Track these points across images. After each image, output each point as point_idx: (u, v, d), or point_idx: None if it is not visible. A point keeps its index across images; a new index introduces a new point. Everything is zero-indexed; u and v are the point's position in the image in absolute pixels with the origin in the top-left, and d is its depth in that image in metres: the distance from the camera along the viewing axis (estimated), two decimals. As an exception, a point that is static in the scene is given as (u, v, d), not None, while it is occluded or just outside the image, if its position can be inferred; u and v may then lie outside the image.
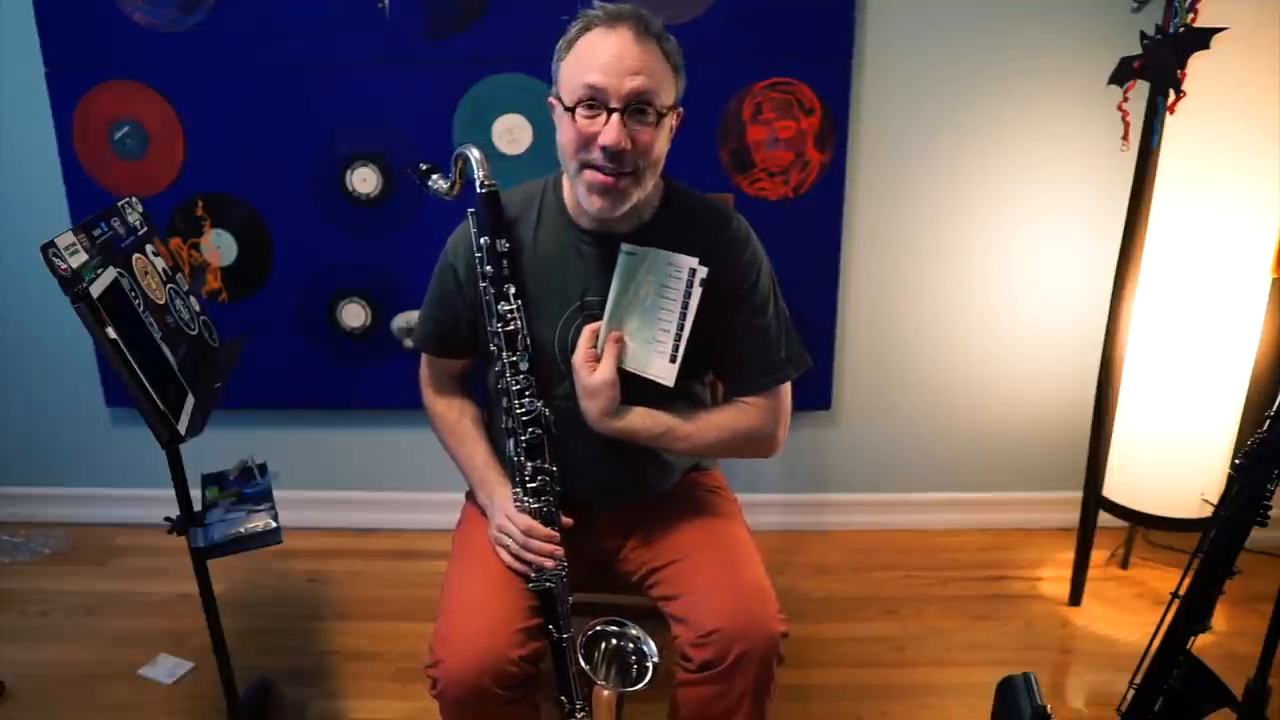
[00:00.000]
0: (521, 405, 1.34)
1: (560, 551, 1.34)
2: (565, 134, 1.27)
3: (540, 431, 1.34)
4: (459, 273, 1.41)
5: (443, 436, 1.52)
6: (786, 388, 1.45)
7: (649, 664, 1.28)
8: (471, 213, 1.34)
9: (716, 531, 1.43)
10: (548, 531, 1.35)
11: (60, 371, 2.45)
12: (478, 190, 1.33)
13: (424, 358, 1.55)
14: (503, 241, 1.32)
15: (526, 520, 1.35)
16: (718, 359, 1.46)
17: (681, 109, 1.32)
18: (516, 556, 1.35)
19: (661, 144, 1.28)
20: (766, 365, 1.41)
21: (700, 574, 1.34)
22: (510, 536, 1.35)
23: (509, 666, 1.24)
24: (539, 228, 1.39)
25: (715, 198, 1.48)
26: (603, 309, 1.36)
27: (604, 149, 1.22)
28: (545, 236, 1.38)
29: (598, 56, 1.21)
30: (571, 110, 1.24)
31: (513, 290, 1.32)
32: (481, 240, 1.32)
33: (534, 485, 1.35)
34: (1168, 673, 1.25)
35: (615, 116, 1.21)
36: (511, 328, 1.32)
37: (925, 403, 2.43)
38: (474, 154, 1.34)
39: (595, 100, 1.22)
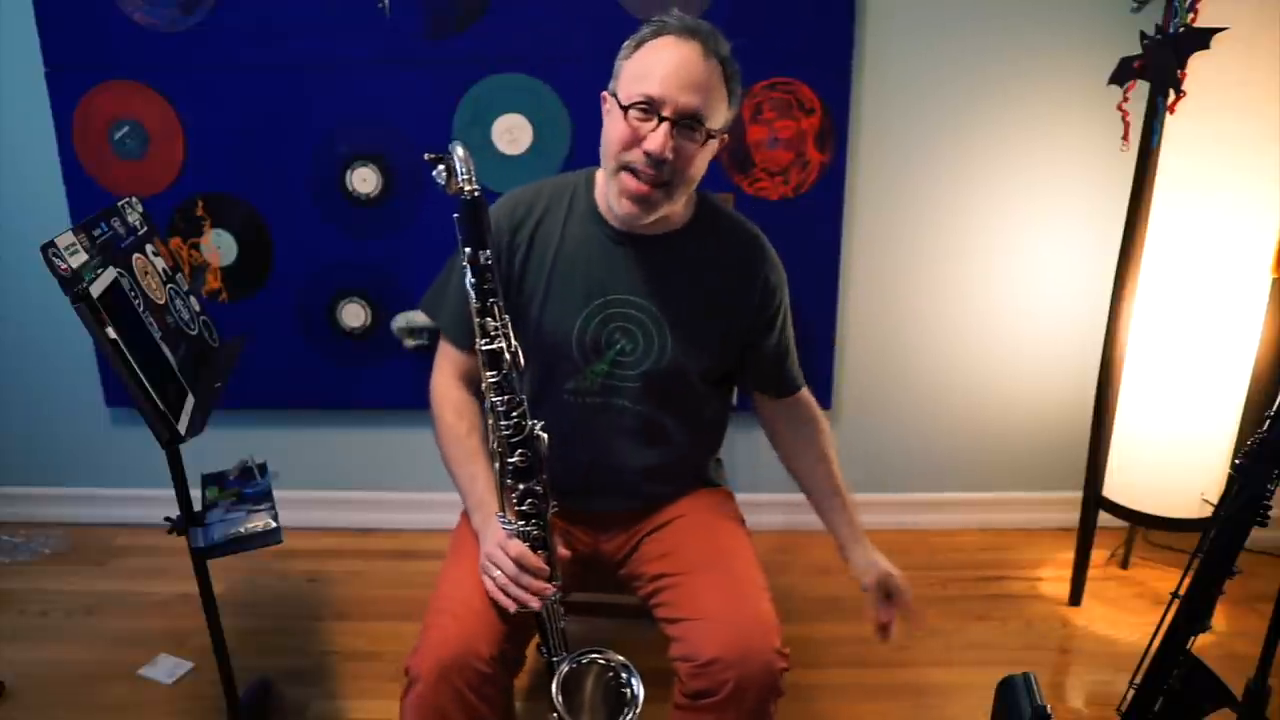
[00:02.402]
0: (508, 426, 1.23)
1: (550, 591, 1.25)
2: (613, 129, 1.28)
3: (530, 453, 1.24)
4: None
5: (446, 448, 1.43)
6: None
7: (629, 693, 1.22)
8: (456, 217, 1.21)
9: (724, 557, 1.39)
10: (538, 563, 1.25)
11: (60, 371, 2.44)
12: (460, 198, 1.19)
13: (442, 353, 1.47)
14: (486, 254, 1.20)
15: (519, 547, 1.25)
16: (754, 370, 1.50)
17: (727, 136, 1.34)
18: (503, 589, 1.25)
19: (701, 163, 1.30)
20: (796, 368, 1.53)
21: (702, 600, 1.31)
22: (500, 567, 1.26)
23: (480, 665, 1.22)
24: (568, 221, 1.39)
25: (733, 210, 1.50)
26: (626, 306, 1.37)
27: (648, 154, 1.24)
28: (573, 230, 1.39)
29: (661, 66, 1.23)
30: (625, 110, 1.25)
31: (499, 306, 1.22)
32: (465, 251, 1.20)
33: (522, 509, 1.25)
34: (1168, 673, 1.25)
35: (665, 125, 1.23)
36: (496, 346, 1.22)
37: (925, 403, 2.43)
38: (458, 154, 1.18)
39: (650, 106, 1.24)
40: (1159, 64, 1.73)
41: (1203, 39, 1.66)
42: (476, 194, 1.20)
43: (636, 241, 1.37)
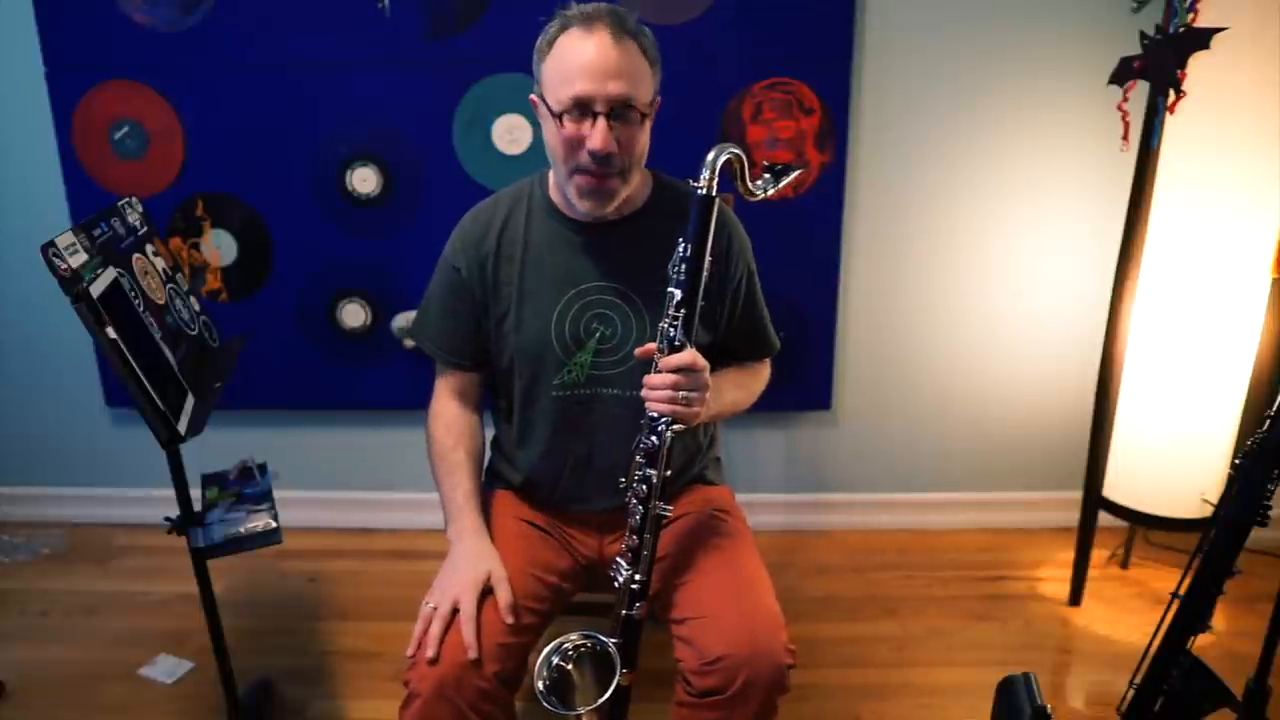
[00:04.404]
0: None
1: (473, 654, 1.22)
2: (553, 136, 1.30)
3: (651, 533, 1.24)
4: (461, 270, 1.42)
5: (433, 460, 1.46)
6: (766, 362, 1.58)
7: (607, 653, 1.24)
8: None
9: (728, 556, 1.40)
10: (470, 636, 1.23)
11: (60, 371, 2.44)
12: (704, 191, 1.17)
13: (438, 376, 1.51)
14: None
15: (471, 609, 1.25)
16: (728, 339, 1.50)
17: (659, 98, 1.34)
18: (428, 622, 1.26)
19: (644, 141, 1.32)
20: (761, 347, 1.54)
21: (709, 599, 1.31)
22: (447, 604, 1.26)
23: (480, 682, 1.22)
24: (529, 223, 1.42)
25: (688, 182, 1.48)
26: (599, 294, 1.38)
27: (593, 154, 1.25)
28: (536, 230, 1.41)
29: (578, 60, 1.23)
30: (559, 117, 1.26)
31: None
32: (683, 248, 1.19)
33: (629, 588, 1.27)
34: (1168, 673, 1.25)
35: (601, 121, 1.24)
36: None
37: (925, 402, 2.43)
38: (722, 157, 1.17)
39: (582, 108, 1.24)
40: (1159, 64, 1.73)
41: (1203, 39, 1.66)
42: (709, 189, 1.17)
43: (599, 228, 1.39)
